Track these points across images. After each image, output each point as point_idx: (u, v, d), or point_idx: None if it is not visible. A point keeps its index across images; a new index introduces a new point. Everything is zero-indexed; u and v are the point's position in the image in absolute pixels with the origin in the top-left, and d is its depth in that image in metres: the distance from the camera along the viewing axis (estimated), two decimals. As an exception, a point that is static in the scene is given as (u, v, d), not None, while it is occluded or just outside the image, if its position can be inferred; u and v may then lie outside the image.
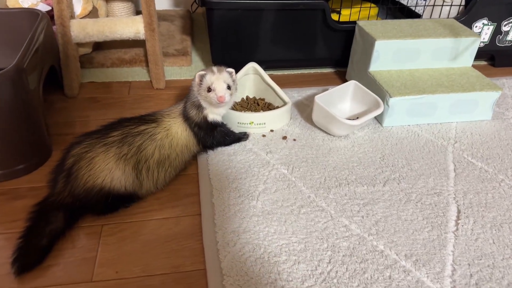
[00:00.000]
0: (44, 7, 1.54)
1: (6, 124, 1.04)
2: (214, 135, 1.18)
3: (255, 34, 1.53)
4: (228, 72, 1.13)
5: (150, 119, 1.09)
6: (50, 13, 1.49)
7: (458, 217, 1.03)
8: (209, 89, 1.08)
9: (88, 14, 1.60)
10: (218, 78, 1.09)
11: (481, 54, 1.73)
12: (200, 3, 1.46)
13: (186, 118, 1.13)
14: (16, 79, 1.03)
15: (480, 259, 0.93)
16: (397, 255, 0.93)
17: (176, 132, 1.10)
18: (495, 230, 1.00)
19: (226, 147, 1.24)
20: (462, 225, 1.01)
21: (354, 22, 1.54)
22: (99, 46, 1.73)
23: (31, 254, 0.88)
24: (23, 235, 0.90)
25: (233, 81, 1.14)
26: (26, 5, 1.53)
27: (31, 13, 1.37)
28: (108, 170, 0.96)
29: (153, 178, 1.04)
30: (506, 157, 1.24)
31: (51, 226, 0.92)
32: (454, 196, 1.10)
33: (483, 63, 1.83)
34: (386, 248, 0.95)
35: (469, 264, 0.92)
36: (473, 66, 1.51)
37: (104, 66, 1.66)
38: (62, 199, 0.95)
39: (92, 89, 1.53)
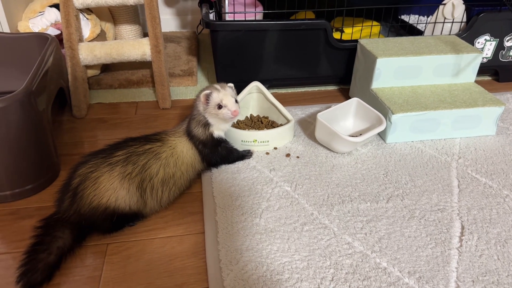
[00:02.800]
0: (53, 31, 1.59)
1: (15, 145, 1.07)
2: (218, 151, 1.20)
3: (258, 54, 1.56)
4: (230, 87, 1.17)
5: (155, 138, 1.11)
6: (59, 37, 1.54)
7: (462, 233, 1.03)
8: (220, 106, 1.12)
9: (96, 37, 1.65)
10: (226, 95, 1.13)
11: (484, 69, 1.75)
12: (205, 25, 1.50)
13: (191, 136, 1.15)
14: (25, 102, 1.06)
15: (485, 276, 0.92)
16: (400, 272, 0.93)
17: (181, 151, 1.12)
18: (500, 246, 1.00)
19: (230, 165, 1.25)
20: (466, 242, 1.01)
21: (356, 41, 1.57)
22: (107, 67, 1.77)
23: (39, 271, 0.88)
24: (29, 251, 0.90)
25: (236, 94, 1.18)
26: (36, 29, 1.58)
27: (41, 37, 1.42)
28: (112, 189, 0.98)
29: (157, 197, 1.05)
30: (510, 172, 1.24)
31: (59, 243, 0.93)
32: (458, 212, 1.10)
33: (488, 78, 1.84)
34: (389, 265, 0.94)
35: (473, 281, 0.91)
36: (478, 81, 1.52)
37: (112, 87, 1.69)
38: (68, 217, 0.97)
39: (100, 109, 1.57)
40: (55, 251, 0.92)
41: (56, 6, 1.60)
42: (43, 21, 1.59)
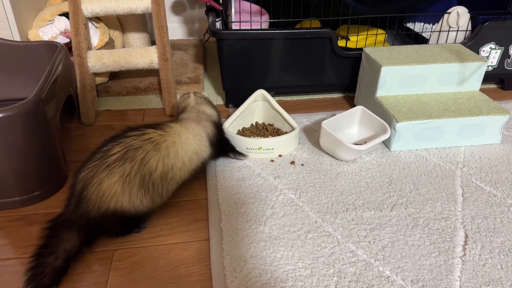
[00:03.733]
0: (62, 39, 1.62)
1: (24, 152, 1.09)
2: (223, 132, 1.31)
3: (264, 62, 1.58)
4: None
5: (156, 127, 1.09)
6: (68, 45, 1.57)
7: (465, 242, 1.03)
8: None
9: (105, 45, 1.68)
10: None
11: (490, 77, 1.75)
12: (211, 34, 1.52)
13: (207, 116, 1.24)
14: (34, 109, 1.09)
15: (488, 285, 0.92)
16: (403, 280, 0.93)
17: (187, 138, 1.11)
18: (503, 255, 1.00)
19: (235, 172, 1.27)
20: (470, 250, 1.01)
21: (361, 49, 1.58)
22: (115, 75, 1.80)
23: (47, 275, 0.89)
24: (36, 254, 0.91)
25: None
26: (46, 37, 1.61)
27: (51, 45, 1.44)
28: (117, 196, 0.98)
29: (159, 192, 1.05)
30: (515, 181, 1.24)
31: (65, 246, 0.93)
32: (461, 221, 1.10)
33: (493, 86, 1.84)
34: (393, 273, 0.95)
35: (476, 290, 0.91)
36: (483, 89, 1.52)
37: (120, 95, 1.72)
38: (75, 219, 0.97)
39: (108, 116, 1.59)
40: (62, 254, 0.92)
41: (66, 14, 1.63)
42: (53, 29, 1.62)
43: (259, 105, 1.48)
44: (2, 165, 1.07)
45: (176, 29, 2.31)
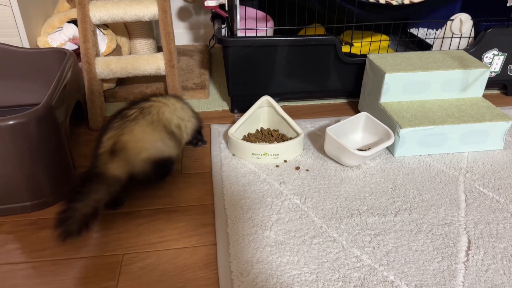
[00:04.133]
0: (71, 46, 1.64)
1: (35, 157, 1.11)
2: None
3: (269, 69, 1.60)
4: None
5: (157, 95, 1.26)
6: (76, 51, 1.59)
7: (468, 248, 1.05)
8: None
9: (112, 51, 1.70)
10: None
11: (493, 83, 1.77)
12: (217, 41, 1.54)
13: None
14: (45, 116, 1.11)
15: (491, 291, 0.94)
16: (407, 285, 0.95)
17: (184, 104, 1.30)
18: (506, 261, 1.01)
19: (241, 177, 1.29)
20: (473, 256, 1.02)
21: (365, 55, 1.60)
22: (123, 81, 1.82)
23: (75, 220, 0.96)
24: (69, 198, 0.98)
25: None
26: (55, 44, 1.64)
27: (60, 52, 1.47)
28: (153, 140, 1.09)
29: (179, 139, 1.21)
30: (518, 187, 1.26)
31: (95, 196, 1.00)
32: (465, 226, 1.12)
33: (496, 92, 1.85)
34: (397, 278, 0.97)
35: (479, 296, 0.93)
36: (487, 95, 1.54)
37: (127, 100, 1.74)
38: (111, 168, 1.05)
39: (114, 122, 1.61)
40: (91, 202, 0.99)
41: (74, 21, 1.66)
42: (62, 36, 1.65)
43: (264, 111, 1.50)
44: (13, 171, 1.10)
45: (181, 35, 2.34)
